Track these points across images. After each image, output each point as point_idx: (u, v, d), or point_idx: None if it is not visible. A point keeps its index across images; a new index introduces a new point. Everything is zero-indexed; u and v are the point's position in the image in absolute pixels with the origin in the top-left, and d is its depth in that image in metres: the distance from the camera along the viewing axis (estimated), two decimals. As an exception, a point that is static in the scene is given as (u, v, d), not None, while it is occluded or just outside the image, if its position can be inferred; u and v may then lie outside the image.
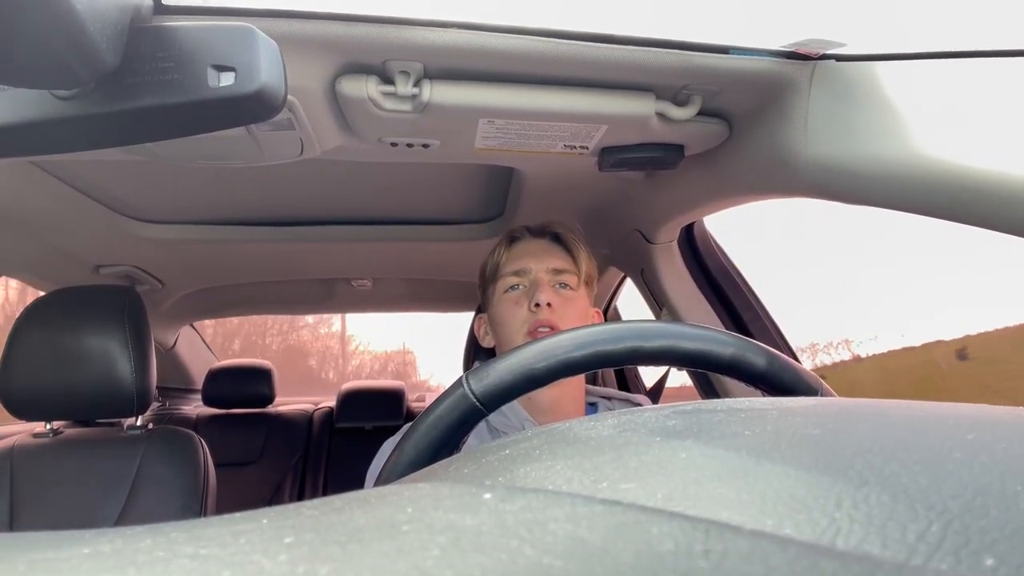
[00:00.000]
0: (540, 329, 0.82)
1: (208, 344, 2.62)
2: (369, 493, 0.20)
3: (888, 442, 0.20)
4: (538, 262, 0.89)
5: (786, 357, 0.48)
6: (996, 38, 0.54)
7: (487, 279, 0.95)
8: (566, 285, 0.89)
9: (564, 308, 0.85)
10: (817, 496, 0.17)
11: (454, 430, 0.45)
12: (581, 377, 0.91)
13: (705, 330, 0.47)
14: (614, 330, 0.46)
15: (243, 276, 1.73)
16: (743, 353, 0.47)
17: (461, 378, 0.46)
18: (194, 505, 1.13)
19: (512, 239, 0.94)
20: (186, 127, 0.42)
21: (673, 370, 1.37)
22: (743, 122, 0.78)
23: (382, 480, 0.44)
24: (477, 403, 0.44)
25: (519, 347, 0.46)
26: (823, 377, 0.50)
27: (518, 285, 0.89)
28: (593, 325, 0.47)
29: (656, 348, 0.46)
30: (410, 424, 0.46)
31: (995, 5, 0.57)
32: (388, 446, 0.84)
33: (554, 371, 0.45)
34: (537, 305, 0.84)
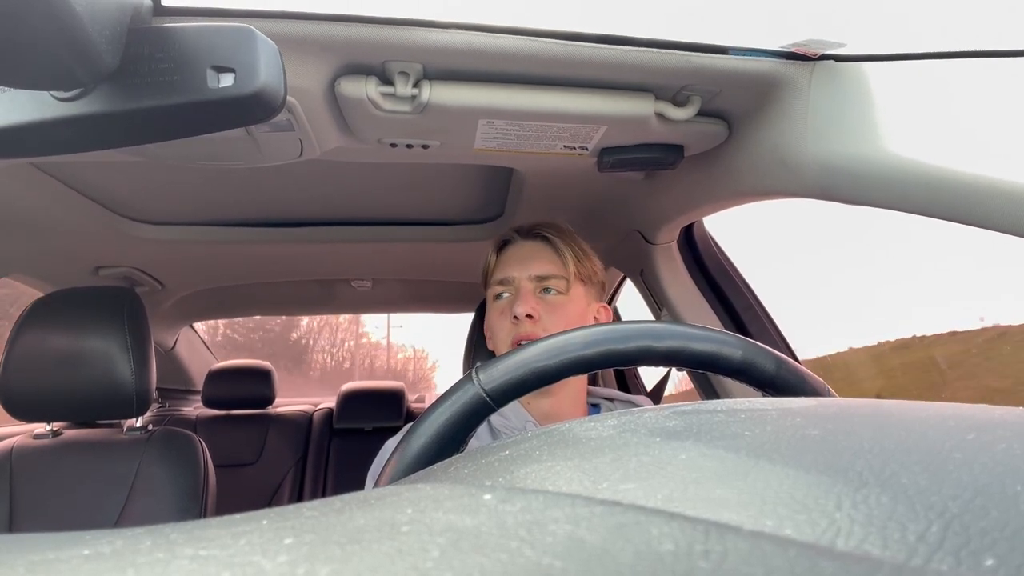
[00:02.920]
0: (521, 343, 0.79)
1: (207, 344, 2.62)
2: (369, 494, 0.20)
3: (888, 443, 0.20)
4: (521, 269, 0.87)
5: (793, 362, 0.48)
6: (996, 38, 0.54)
7: (484, 284, 0.95)
8: (553, 290, 0.87)
9: (549, 316, 0.84)
10: (817, 497, 0.17)
11: (462, 423, 0.44)
12: (583, 386, 0.91)
13: (717, 333, 0.47)
14: (625, 329, 0.46)
15: (242, 277, 1.73)
16: (753, 357, 0.47)
17: (470, 372, 0.46)
18: (194, 506, 1.13)
19: (502, 244, 0.93)
20: (186, 128, 0.42)
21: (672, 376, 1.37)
22: (743, 122, 0.78)
23: (385, 474, 0.44)
24: (486, 397, 0.44)
25: (531, 343, 0.46)
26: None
27: (503, 294, 0.88)
28: (603, 324, 0.47)
29: (667, 349, 0.46)
30: (418, 418, 0.46)
31: (995, 5, 0.57)
32: (390, 445, 0.84)
33: (565, 367, 0.45)
34: (515, 317, 0.83)
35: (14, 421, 1.16)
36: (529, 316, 0.83)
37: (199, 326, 2.49)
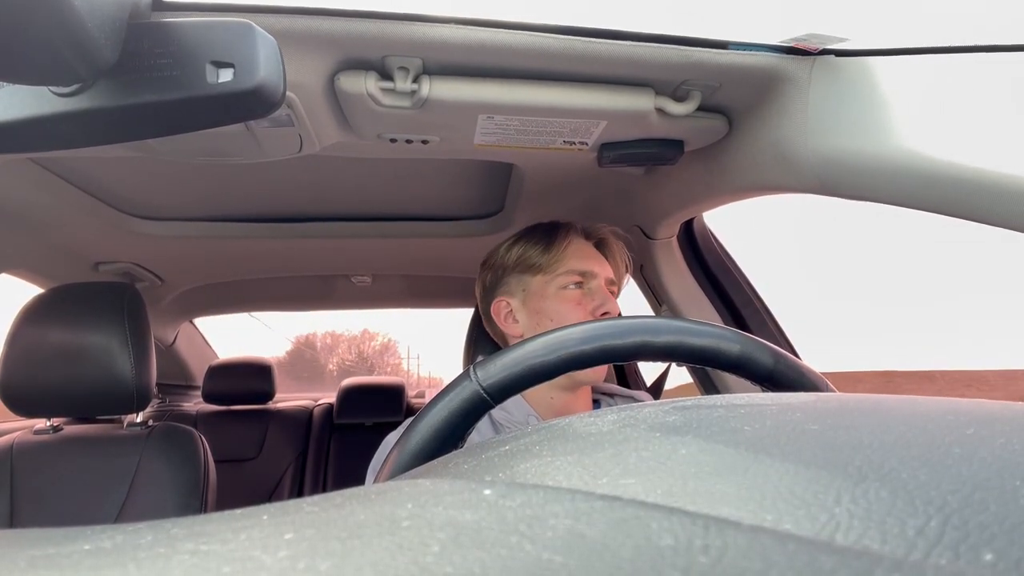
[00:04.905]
0: None
1: (207, 340, 2.63)
2: (369, 489, 0.20)
3: (887, 437, 0.20)
4: (601, 268, 0.91)
5: (792, 356, 0.48)
6: (996, 33, 0.53)
7: (533, 267, 0.91)
8: (614, 296, 0.92)
9: None
10: (816, 491, 0.17)
11: (460, 420, 0.44)
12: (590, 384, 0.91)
13: (714, 327, 0.47)
14: (623, 325, 0.46)
15: (243, 273, 1.73)
16: (751, 352, 0.47)
17: (468, 369, 0.46)
18: (194, 501, 1.13)
19: (567, 232, 0.93)
20: (185, 123, 0.42)
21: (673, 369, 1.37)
22: (743, 117, 0.78)
23: (385, 469, 0.44)
24: (484, 394, 0.44)
25: (526, 339, 0.46)
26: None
27: (583, 284, 0.90)
28: (601, 320, 0.47)
29: (664, 344, 0.46)
30: (417, 414, 0.46)
31: (995, 0, 0.57)
32: (390, 440, 0.84)
33: (563, 363, 0.45)
34: (605, 314, 0.86)
35: (14, 417, 1.16)
36: (619, 315, 0.87)
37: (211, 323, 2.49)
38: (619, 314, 0.87)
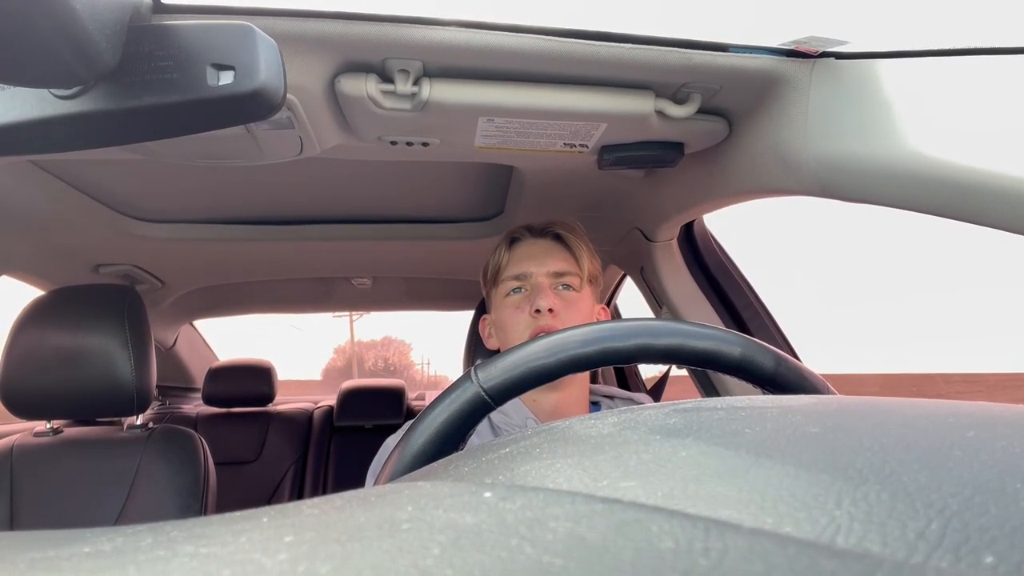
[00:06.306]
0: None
1: (207, 343, 2.62)
2: (369, 492, 0.20)
3: (888, 440, 0.20)
4: (539, 265, 0.88)
5: (793, 360, 0.48)
6: (997, 36, 0.53)
7: (489, 281, 0.94)
8: (569, 287, 0.88)
9: (566, 311, 0.85)
10: (817, 494, 0.17)
11: (461, 422, 0.44)
12: (586, 382, 0.91)
13: (715, 330, 0.47)
14: (624, 327, 0.46)
15: (243, 275, 1.73)
16: (752, 354, 0.47)
17: (469, 371, 0.46)
18: (194, 504, 1.13)
19: (512, 240, 0.93)
20: (185, 126, 0.42)
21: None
22: (743, 120, 0.78)
23: (385, 473, 0.44)
24: (485, 396, 0.44)
25: (529, 341, 0.46)
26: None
27: (520, 289, 0.89)
28: (602, 322, 0.47)
29: (666, 346, 0.46)
30: (417, 416, 0.46)
31: (996, 2, 0.57)
32: (390, 443, 0.84)
33: (563, 366, 0.45)
34: (538, 311, 0.84)
35: (15, 419, 1.16)
36: (551, 310, 0.83)
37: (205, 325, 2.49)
38: (550, 307, 0.83)
